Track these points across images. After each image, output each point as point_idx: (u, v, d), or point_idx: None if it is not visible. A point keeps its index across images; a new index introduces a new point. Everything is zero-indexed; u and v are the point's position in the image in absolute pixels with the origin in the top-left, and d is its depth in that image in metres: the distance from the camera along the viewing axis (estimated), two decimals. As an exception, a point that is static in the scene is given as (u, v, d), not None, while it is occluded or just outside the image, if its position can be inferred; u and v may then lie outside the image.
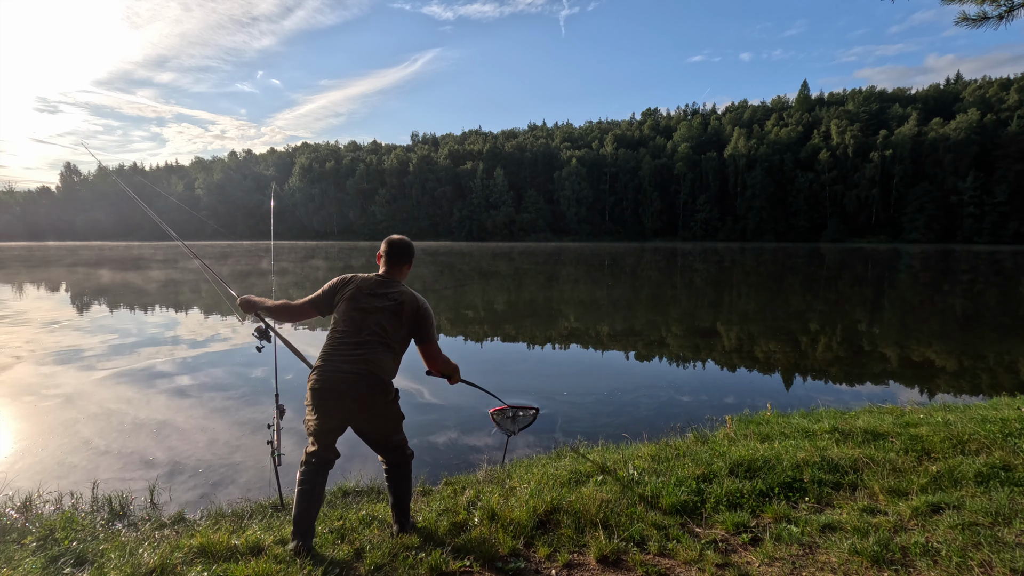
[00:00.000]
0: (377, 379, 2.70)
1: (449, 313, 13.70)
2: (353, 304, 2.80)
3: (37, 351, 8.82)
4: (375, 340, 2.74)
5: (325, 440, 2.69)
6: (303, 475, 2.68)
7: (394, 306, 2.80)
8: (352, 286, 2.86)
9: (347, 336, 2.74)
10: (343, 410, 2.68)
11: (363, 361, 2.68)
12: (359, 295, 2.82)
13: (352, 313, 2.78)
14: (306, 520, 2.64)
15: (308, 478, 2.66)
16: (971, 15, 5.12)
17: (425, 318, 2.87)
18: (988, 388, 7.05)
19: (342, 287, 2.88)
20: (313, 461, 2.68)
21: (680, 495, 3.04)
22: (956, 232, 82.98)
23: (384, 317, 2.79)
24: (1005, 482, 3.14)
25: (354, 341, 2.72)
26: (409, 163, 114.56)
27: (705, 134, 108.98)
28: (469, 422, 5.57)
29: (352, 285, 2.87)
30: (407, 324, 2.83)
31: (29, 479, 4.09)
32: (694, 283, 22.79)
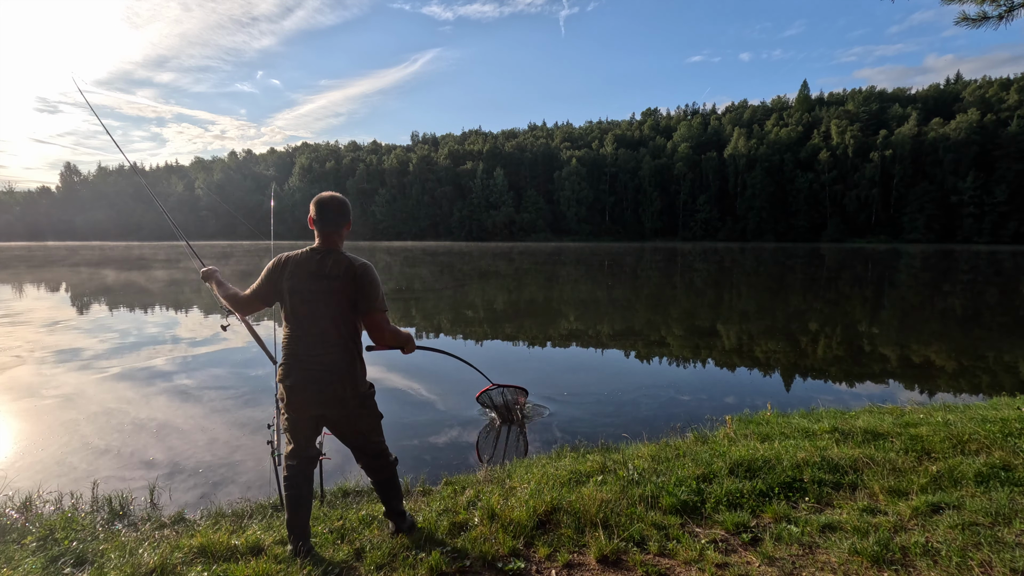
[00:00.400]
0: (345, 372, 2.55)
1: (449, 313, 13.70)
2: (297, 295, 2.53)
3: (37, 351, 8.82)
4: (332, 330, 2.53)
5: (302, 437, 2.60)
6: (288, 480, 2.60)
7: (338, 284, 2.52)
8: (288, 271, 2.57)
9: (302, 329, 2.54)
10: (315, 407, 2.55)
11: (325, 355, 2.51)
12: (299, 283, 2.54)
13: (299, 306, 2.54)
14: (299, 524, 2.60)
15: (294, 482, 2.59)
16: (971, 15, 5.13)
17: (368, 284, 2.54)
18: (988, 388, 7.04)
19: (279, 274, 2.59)
20: (293, 463, 2.60)
21: (680, 495, 3.04)
22: (956, 232, 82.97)
23: (332, 300, 2.53)
24: (1005, 482, 3.14)
25: (312, 334, 2.53)
26: (409, 163, 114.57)
27: (705, 134, 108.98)
28: (469, 422, 5.57)
29: (288, 270, 2.57)
30: (351, 298, 2.55)
31: (29, 479, 4.09)
32: (694, 283, 22.79)
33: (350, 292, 2.52)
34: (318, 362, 2.51)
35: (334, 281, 2.51)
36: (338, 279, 2.52)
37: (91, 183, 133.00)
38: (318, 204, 2.60)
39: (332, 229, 2.60)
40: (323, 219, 2.59)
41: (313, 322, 2.52)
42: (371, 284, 2.55)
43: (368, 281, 2.54)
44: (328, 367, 2.51)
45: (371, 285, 2.55)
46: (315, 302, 2.52)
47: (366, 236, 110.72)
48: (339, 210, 2.61)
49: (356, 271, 2.53)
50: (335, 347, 2.53)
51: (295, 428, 2.59)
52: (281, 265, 2.59)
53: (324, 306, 2.52)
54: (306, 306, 2.52)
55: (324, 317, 2.52)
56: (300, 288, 2.52)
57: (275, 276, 2.59)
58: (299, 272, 2.54)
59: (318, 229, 2.60)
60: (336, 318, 2.53)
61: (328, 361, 2.51)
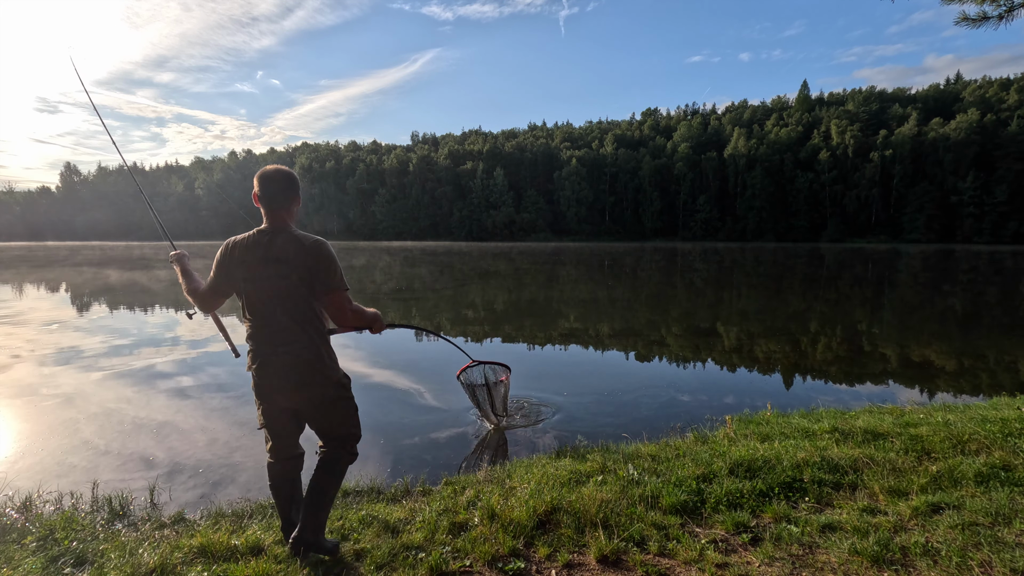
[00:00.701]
0: (313, 361, 2.38)
1: (449, 313, 13.70)
2: (250, 283, 2.35)
3: (37, 351, 8.82)
4: (291, 317, 2.35)
5: (284, 434, 2.51)
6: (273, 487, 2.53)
7: (291, 267, 2.33)
8: (237, 258, 2.36)
9: (261, 319, 2.37)
10: (287, 399, 2.40)
11: (289, 345, 2.34)
12: (250, 272, 2.35)
13: (254, 295, 2.35)
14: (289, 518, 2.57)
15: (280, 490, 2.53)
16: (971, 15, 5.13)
17: (324, 262, 2.35)
18: (988, 388, 7.04)
19: (228, 262, 2.38)
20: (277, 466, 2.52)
21: (680, 495, 3.04)
22: (956, 232, 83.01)
23: (288, 286, 2.33)
24: (1005, 482, 3.14)
25: (272, 324, 2.35)
26: (409, 163, 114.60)
27: (705, 134, 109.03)
28: (470, 421, 5.57)
29: (236, 257, 2.37)
30: (308, 280, 2.35)
31: (29, 479, 4.09)
32: (694, 283, 22.79)
33: (305, 274, 2.33)
34: (283, 353, 2.34)
35: (286, 264, 2.32)
36: (290, 261, 2.32)
37: (91, 183, 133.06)
38: (262, 179, 2.37)
39: (279, 206, 2.38)
40: (269, 195, 2.37)
41: (271, 311, 2.35)
42: (327, 261, 2.35)
43: (323, 258, 2.34)
44: (294, 358, 2.34)
45: (327, 262, 2.35)
46: (269, 289, 2.33)
47: (366, 236, 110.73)
48: (286, 184, 2.39)
49: (308, 250, 2.33)
50: (298, 336, 2.35)
51: (272, 423, 2.47)
52: (229, 252, 2.38)
53: (279, 292, 2.33)
54: (261, 294, 2.34)
55: (281, 304, 2.34)
56: (252, 275, 2.34)
57: (226, 265, 2.39)
58: (249, 258, 2.34)
59: (264, 207, 2.39)
60: (294, 304, 2.34)
61: (293, 352, 2.34)
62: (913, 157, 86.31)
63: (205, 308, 2.50)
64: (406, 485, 3.68)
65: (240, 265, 2.35)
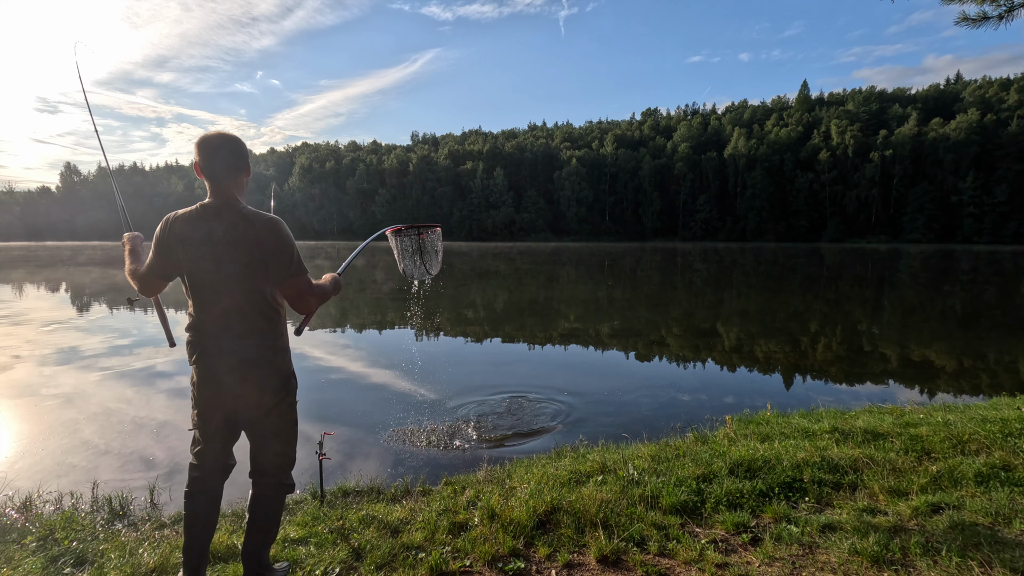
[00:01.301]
0: (265, 358, 2.12)
1: (449, 313, 13.70)
2: (195, 264, 2.05)
3: (37, 351, 8.82)
4: (243, 306, 2.08)
5: (217, 439, 2.17)
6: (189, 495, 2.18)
7: (245, 250, 2.05)
8: (178, 236, 2.05)
9: (206, 308, 2.08)
10: (228, 403, 2.11)
11: (238, 338, 2.07)
12: (193, 253, 2.04)
13: (198, 279, 2.06)
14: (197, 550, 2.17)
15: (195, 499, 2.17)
16: (971, 15, 5.12)
17: (282, 243, 2.10)
18: (988, 388, 7.04)
19: (168, 240, 2.07)
20: (198, 474, 2.19)
21: (680, 495, 3.04)
22: (956, 232, 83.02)
23: (240, 270, 2.06)
24: (1005, 482, 3.14)
25: (218, 314, 2.07)
26: (409, 163, 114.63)
27: (705, 134, 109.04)
28: (470, 421, 5.57)
29: (177, 235, 2.05)
30: (264, 264, 2.09)
31: (29, 479, 4.09)
32: (694, 283, 22.78)
33: (260, 257, 2.07)
34: (230, 348, 2.06)
35: (236, 246, 2.05)
36: (244, 241, 2.05)
37: (91, 183, 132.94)
38: (204, 146, 2.07)
39: (226, 177, 2.10)
40: (213, 164, 2.08)
41: (218, 298, 2.06)
42: (284, 244, 2.10)
43: (281, 241, 2.09)
44: (244, 354, 2.07)
45: (285, 245, 2.10)
46: (218, 272, 2.04)
47: (366, 236, 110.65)
48: (233, 151, 2.10)
49: (262, 230, 2.07)
50: (250, 325, 2.09)
51: (207, 425, 2.14)
52: (168, 228, 2.07)
53: (229, 276, 2.05)
54: (207, 277, 2.05)
55: (232, 291, 2.06)
56: (196, 257, 2.04)
57: (165, 243, 2.07)
58: (192, 236, 2.04)
59: (208, 178, 2.09)
60: (246, 290, 2.07)
61: (243, 345, 2.07)
62: (913, 157, 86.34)
63: (145, 291, 2.19)
64: (406, 485, 3.69)
65: (181, 244, 2.04)
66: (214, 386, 2.08)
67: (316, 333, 10.71)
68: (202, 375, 2.09)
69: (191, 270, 2.07)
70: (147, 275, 2.16)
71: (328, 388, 6.73)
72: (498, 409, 5.97)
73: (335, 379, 7.18)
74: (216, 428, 2.15)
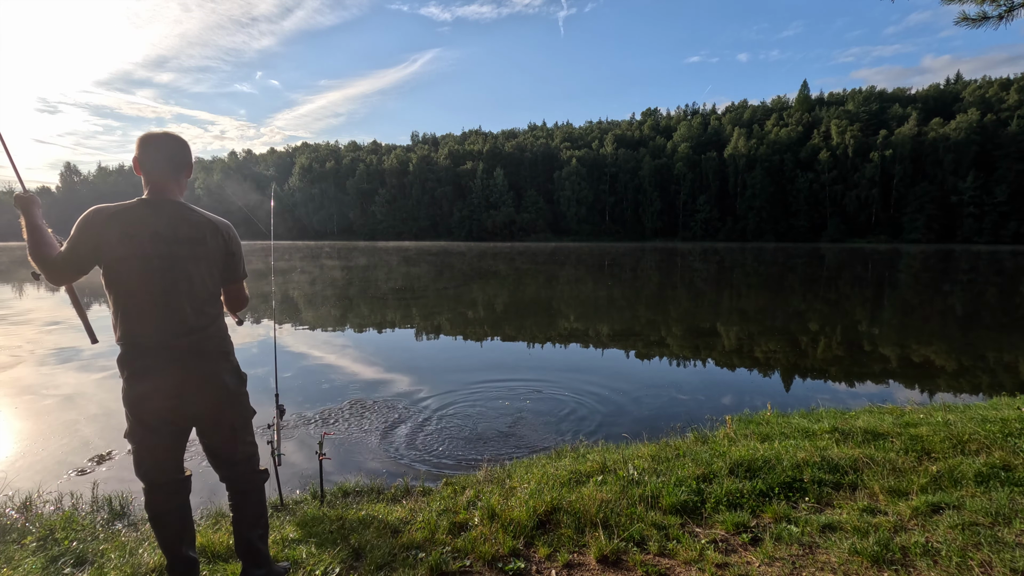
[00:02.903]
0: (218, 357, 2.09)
1: (449, 313, 13.70)
2: (137, 261, 1.96)
3: (37, 351, 8.82)
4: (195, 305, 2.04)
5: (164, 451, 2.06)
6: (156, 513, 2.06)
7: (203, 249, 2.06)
8: (118, 232, 1.96)
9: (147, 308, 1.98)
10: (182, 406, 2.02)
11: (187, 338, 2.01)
12: (140, 247, 1.96)
13: (146, 276, 1.97)
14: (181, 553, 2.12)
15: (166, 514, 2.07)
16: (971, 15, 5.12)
17: (238, 248, 2.21)
18: (988, 388, 7.04)
19: (102, 235, 1.96)
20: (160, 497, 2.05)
21: (680, 495, 3.04)
22: (956, 232, 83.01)
23: (192, 268, 2.03)
24: (1005, 482, 3.14)
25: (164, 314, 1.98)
26: (409, 163, 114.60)
27: (705, 134, 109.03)
28: (469, 422, 5.57)
29: (117, 231, 1.96)
30: (220, 266, 2.12)
31: (29, 479, 4.09)
32: (694, 283, 22.78)
33: (218, 258, 2.11)
34: (178, 348, 1.99)
35: (197, 245, 2.04)
36: (203, 242, 2.05)
37: (91, 183, 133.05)
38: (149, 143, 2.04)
39: (175, 173, 2.09)
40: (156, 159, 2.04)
41: (165, 298, 1.99)
42: (239, 246, 2.20)
43: (236, 243, 2.19)
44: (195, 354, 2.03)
45: (239, 247, 2.20)
46: (168, 270, 1.99)
47: (366, 236, 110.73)
48: (177, 147, 2.08)
49: (223, 233, 2.13)
50: (202, 323, 2.05)
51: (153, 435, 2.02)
52: (104, 223, 1.97)
53: (184, 274, 2.02)
54: (153, 275, 1.97)
55: (182, 290, 2.01)
56: (142, 253, 1.97)
57: (99, 237, 1.96)
58: (137, 232, 1.97)
59: (150, 174, 2.05)
60: (198, 288, 2.05)
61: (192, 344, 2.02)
62: (913, 157, 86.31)
63: (57, 281, 2.01)
64: (406, 485, 3.69)
65: (125, 240, 1.96)
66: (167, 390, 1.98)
67: (315, 332, 10.71)
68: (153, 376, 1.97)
69: (135, 267, 1.96)
70: (64, 266, 1.97)
71: (328, 388, 6.73)
72: (498, 409, 5.97)
73: (335, 379, 7.18)
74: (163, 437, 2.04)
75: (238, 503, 2.21)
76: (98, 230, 1.96)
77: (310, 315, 13.19)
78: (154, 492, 2.07)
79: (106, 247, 1.96)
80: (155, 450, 2.05)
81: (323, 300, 16.01)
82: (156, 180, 2.06)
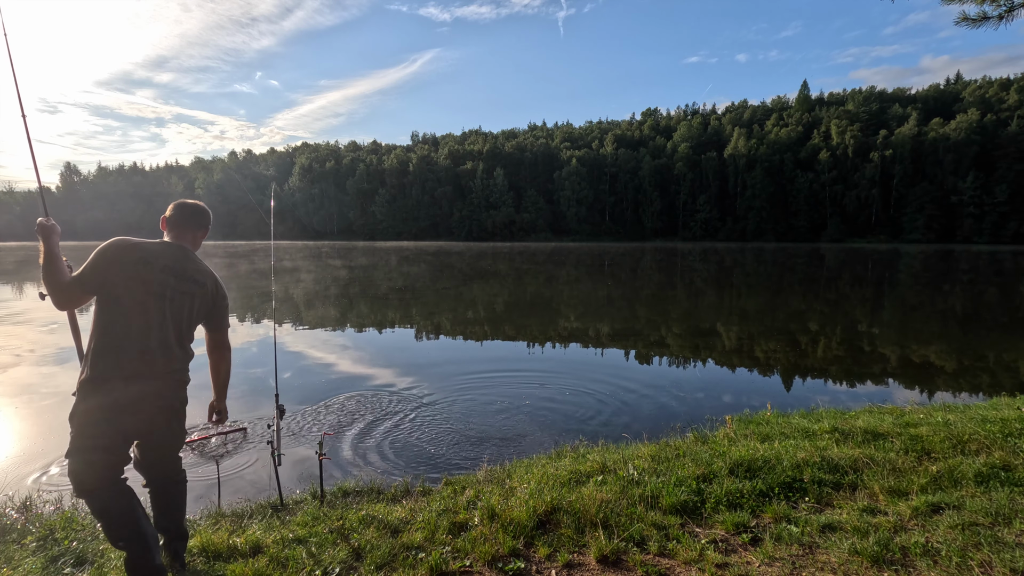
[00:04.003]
0: (180, 384, 2.37)
1: (449, 313, 13.70)
2: (145, 287, 2.20)
3: (37, 351, 8.82)
4: (175, 337, 2.30)
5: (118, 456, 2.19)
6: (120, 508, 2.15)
7: (201, 291, 2.38)
8: (138, 258, 2.21)
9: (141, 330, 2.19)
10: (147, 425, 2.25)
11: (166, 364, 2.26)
12: (154, 274, 2.23)
13: (147, 299, 2.20)
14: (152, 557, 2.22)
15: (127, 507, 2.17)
16: (971, 15, 5.12)
17: (225, 302, 2.54)
18: (988, 388, 7.04)
19: (126, 262, 2.19)
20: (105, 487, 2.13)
21: (680, 495, 3.04)
22: (956, 232, 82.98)
23: (188, 303, 2.33)
24: (1005, 482, 3.14)
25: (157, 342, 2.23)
26: (409, 163, 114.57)
27: (705, 134, 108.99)
28: (469, 422, 5.57)
29: (137, 256, 2.21)
30: (206, 311, 2.43)
31: (29, 479, 4.09)
32: (694, 283, 22.78)
33: (208, 305, 2.43)
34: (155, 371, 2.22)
35: (199, 286, 2.37)
36: (204, 286, 2.40)
37: (91, 183, 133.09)
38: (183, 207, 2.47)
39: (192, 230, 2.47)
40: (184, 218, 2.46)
41: (159, 325, 2.24)
42: (226, 302, 2.56)
43: (225, 299, 2.54)
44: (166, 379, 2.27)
45: (226, 303, 2.56)
46: (166, 298, 2.26)
47: (366, 236, 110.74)
48: (203, 213, 2.52)
49: (217, 284, 2.48)
50: (179, 357, 2.33)
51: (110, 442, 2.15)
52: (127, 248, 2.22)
53: (180, 310, 2.31)
54: (154, 300, 2.22)
55: (168, 320, 2.27)
56: (149, 278, 2.21)
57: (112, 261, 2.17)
58: (156, 261, 2.26)
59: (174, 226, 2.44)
60: (186, 327, 2.35)
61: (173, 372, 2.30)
62: (913, 157, 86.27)
63: (65, 304, 2.19)
64: (406, 485, 3.69)
65: (140, 264, 2.21)
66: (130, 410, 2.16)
67: (315, 331, 10.71)
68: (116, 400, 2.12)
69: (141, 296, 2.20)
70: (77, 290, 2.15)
71: (328, 388, 6.73)
72: (498, 409, 5.97)
73: (335, 379, 7.18)
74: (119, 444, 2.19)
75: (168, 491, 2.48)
76: (118, 255, 2.19)
77: (310, 315, 13.19)
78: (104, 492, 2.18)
79: (118, 267, 2.18)
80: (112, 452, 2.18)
81: (323, 299, 16.01)
82: (178, 232, 2.42)
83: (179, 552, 2.46)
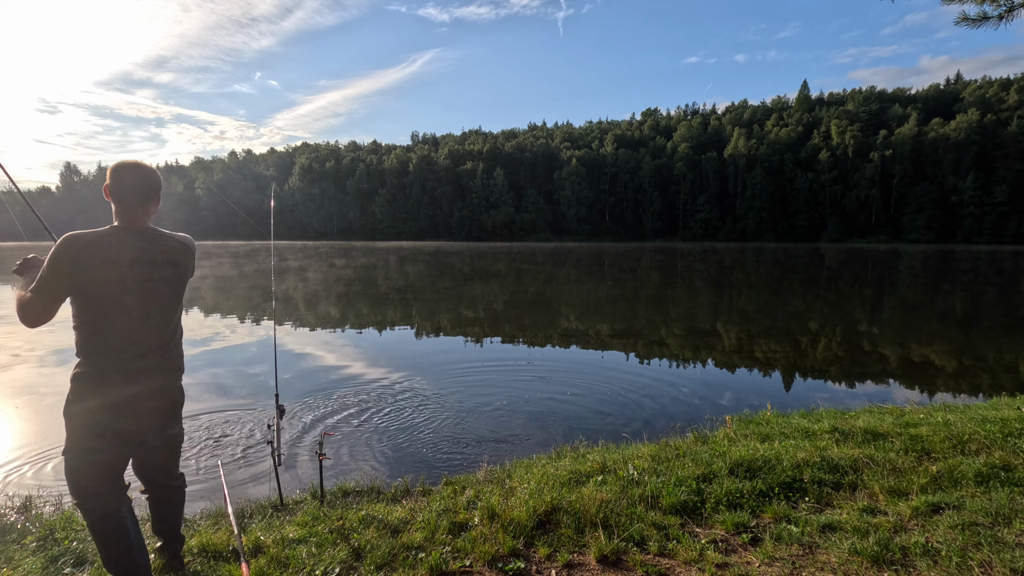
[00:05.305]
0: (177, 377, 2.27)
1: (449, 313, 13.70)
2: (121, 286, 2.02)
3: (37, 351, 8.82)
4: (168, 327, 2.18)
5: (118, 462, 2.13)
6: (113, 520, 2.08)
7: (174, 272, 2.18)
8: (103, 259, 1.99)
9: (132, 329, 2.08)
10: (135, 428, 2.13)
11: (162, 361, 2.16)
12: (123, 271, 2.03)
13: (125, 298, 2.03)
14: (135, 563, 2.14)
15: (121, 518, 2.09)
16: (971, 15, 5.12)
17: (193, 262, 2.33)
18: (988, 388, 7.04)
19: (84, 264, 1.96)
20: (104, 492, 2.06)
21: (680, 495, 3.04)
22: (956, 232, 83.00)
23: (170, 288, 2.16)
24: (1005, 482, 3.14)
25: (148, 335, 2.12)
26: (409, 163, 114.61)
27: (705, 134, 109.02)
28: (469, 423, 5.57)
29: (102, 258, 1.99)
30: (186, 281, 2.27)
31: (29, 479, 4.09)
32: (694, 283, 22.78)
33: (185, 275, 2.25)
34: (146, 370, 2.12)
35: (172, 267, 2.17)
36: (177, 265, 2.19)
37: (91, 183, 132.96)
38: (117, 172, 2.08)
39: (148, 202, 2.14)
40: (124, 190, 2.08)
41: (141, 319, 2.09)
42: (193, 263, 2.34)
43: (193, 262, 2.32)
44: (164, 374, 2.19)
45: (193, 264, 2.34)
46: (146, 293, 2.08)
47: (366, 236, 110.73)
48: (145, 179, 2.12)
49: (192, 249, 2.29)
50: (171, 349, 2.21)
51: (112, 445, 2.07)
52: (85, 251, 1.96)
53: (159, 298, 2.13)
54: (130, 298, 2.04)
55: (154, 311, 2.13)
56: (121, 277, 2.02)
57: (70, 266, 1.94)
58: (119, 258, 2.02)
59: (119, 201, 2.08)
60: (170, 311, 2.19)
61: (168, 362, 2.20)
62: (913, 157, 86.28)
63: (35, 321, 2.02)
64: (406, 485, 3.68)
65: (107, 265, 1.99)
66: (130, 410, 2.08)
67: (315, 331, 10.71)
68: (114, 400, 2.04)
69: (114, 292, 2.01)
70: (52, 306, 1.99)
71: (328, 388, 6.73)
72: (498, 409, 5.97)
73: (334, 379, 7.18)
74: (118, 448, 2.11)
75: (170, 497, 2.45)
76: (76, 260, 1.96)
77: (310, 314, 13.19)
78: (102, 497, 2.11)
79: (83, 273, 1.97)
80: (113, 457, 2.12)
81: (323, 299, 16.01)
82: (125, 210, 2.11)
83: (177, 552, 2.47)
